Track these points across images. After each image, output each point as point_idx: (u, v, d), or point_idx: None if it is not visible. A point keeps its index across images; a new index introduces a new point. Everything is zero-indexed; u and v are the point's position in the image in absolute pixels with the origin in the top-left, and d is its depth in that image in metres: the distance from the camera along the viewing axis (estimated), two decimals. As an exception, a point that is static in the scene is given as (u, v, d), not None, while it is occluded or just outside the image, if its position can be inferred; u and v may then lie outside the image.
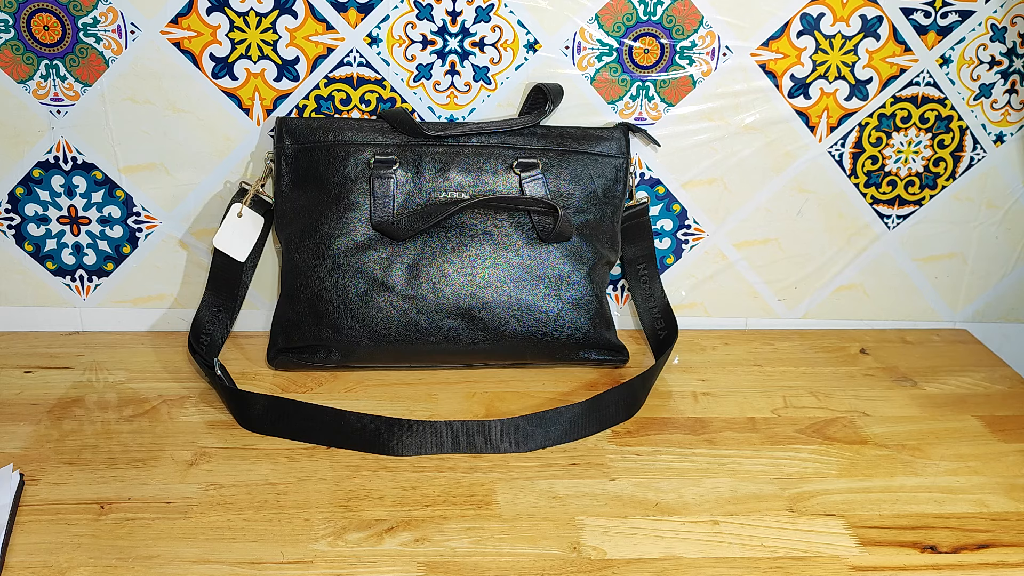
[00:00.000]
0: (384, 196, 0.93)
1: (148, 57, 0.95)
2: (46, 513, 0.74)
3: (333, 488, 0.78)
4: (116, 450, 0.82)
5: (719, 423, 0.90)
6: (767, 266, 1.09)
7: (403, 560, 0.70)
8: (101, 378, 0.95)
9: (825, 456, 0.85)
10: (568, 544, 0.73)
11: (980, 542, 0.75)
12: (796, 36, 0.99)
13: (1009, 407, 0.95)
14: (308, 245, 0.93)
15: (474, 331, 0.94)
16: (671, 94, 1.00)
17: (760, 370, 1.01)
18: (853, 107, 1.02)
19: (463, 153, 0.95)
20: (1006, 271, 1.12)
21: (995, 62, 1.02)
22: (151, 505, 0.75)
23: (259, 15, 0.95)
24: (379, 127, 0.95)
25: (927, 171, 1.06)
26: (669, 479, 0.81)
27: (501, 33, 0.97)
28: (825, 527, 0.76)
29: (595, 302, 0.96)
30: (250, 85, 0.97)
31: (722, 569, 0.71)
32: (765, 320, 1.12)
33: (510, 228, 0.94)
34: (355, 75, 0.98)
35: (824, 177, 1.05)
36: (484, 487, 0.79)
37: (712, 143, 1.03)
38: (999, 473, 0.84)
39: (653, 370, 0.95)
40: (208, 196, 1.01)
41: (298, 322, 0.94)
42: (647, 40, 0.98)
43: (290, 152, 0.94)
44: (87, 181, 1.00)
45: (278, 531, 0.73)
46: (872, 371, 1.02)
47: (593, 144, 0.97)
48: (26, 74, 0.96)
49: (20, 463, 0.79)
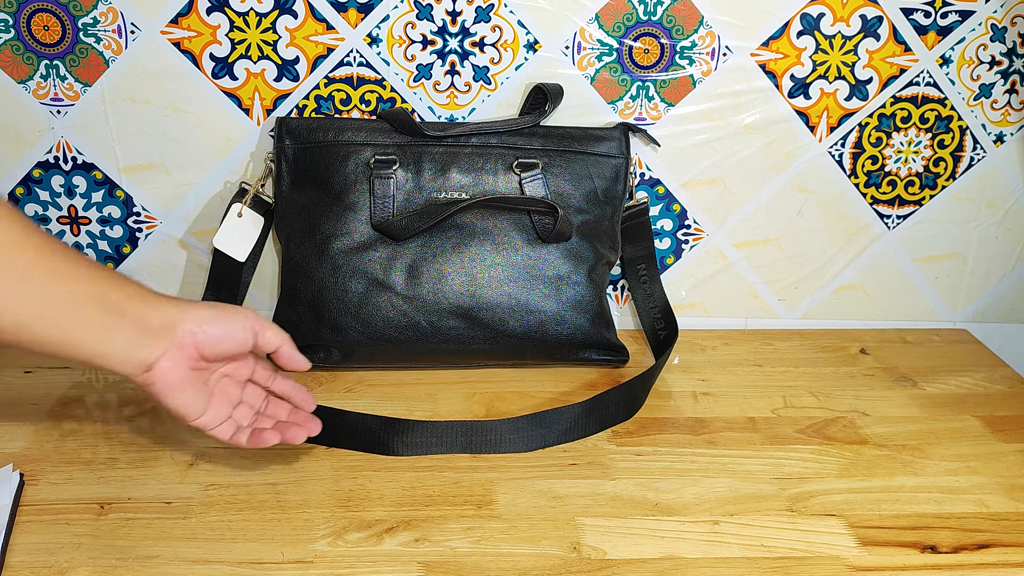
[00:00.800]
0: (384, 196, 0.93)
1: (148, 57, 0.95)
2: (46, 513, 0.74)
3: (333, 488, 0.78)
4: (116, 450, 0.82)
5: (719, 423, 0.90)
6: (767, 266, 1.09)
7: (403, 560, 0.70)
8: (101, 378, 0.95)
9: (825, 456, 0.85)
10: (568, 544, 0.73)
11: (980, 542, 0.75)
12: (796, 36, 0.99)
13: (1009, 407, 0.95)
14: (308, 245, 0.93)
15: (474, 331, 0.94)
16: (671, 94, 1.00)
17: (760, 370, 1.01)
18: (853, 107, 1.02)
19: (463, 153, 0.95)
20: (1006, 271, 1.12)
21: (995, 62, 1.02)
22: (151, 505, 0.75)
23: (259, 15, 0.95)
24: (379, 127, 0.95)
25: (927, 171, 1.06)
26: (669, 479, 0.81)
27: (501, 33, 0.97)
28: (825, 527, 0.76)
29: (595, 302, 0.96)
30: (250, 85, 0.97)
31: (722, 569, 0.70)
32: (765, 320, 1.12)
33: (510, 228, 0.94)
34: (355, 75, 0.98)
35: (824, 177, 1.05)
36: (484, 487, 0.79)
37: (712, 143, 1.03)
38: (999, 473, 0.84)
39: (653, 370, 0.95)
40: (208, 196, 1.01)
41: (298, 322, 0.94)
42: (647, 40, 0.98)
43: (290, 152, 0.94)
44: (87, 181, 1.00)
45: (278, 531, 0.73)
46: (872, 371, 1.02)
47: (593, 144, 0.97)
48: (26, 74, 0.96)
49: (20, 463, 0.79)
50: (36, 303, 0.60)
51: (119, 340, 0.64)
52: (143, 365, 0.66)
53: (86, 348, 0.63)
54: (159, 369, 0.66)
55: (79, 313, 0.62)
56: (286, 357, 0.74)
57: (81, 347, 0.63)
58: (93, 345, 0.63)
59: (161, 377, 0.66)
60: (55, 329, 0.62)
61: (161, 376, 0.66)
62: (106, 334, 0.64)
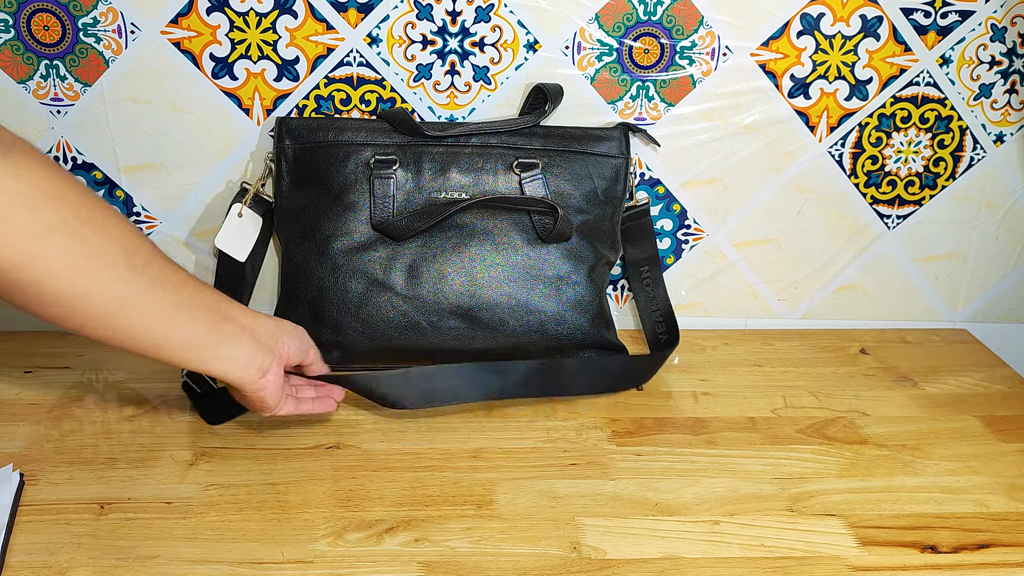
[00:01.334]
0: (384, 196, 0.93)
1: (148, 57, 0.95)
2: (46, 513, 0.74)
3: (333, 488, 0.78)
4: (116, 450, 0.82)
5: (719, 423, 0.90)
6: (767, 266, 1.09)
7: (403, 560, 0.70)
8: (101, 378, 0.95)
9: (825, 456, 0.85)
10: (568, 544, 0.73)
11: (980, 542, 0.75)
12: (796, 36, 0.99)
13: (1009, 407, 0.95)
14: (308, 245, 0.93)
15: (474, 331, 0.94)
16: (671, 94, 1.00)
17: (760, 370, 1.01)
18: (853, 107, 1.02)
19: (463, 153, 0.95)
20: (1006, 271, 1.12)
21: (995, 62, 1.02)
22: (151, 505, 0.75)
23: (259, 15, 0.95)
24: (379, 127, 0.95)
25: (927, 171, 1.06)
26: (669, 479, 0.81)
27: (501, 33, 0.97)
28: (825, 527, 0.76)
29: (595, 302, 0.96)
30: (250, 85, 0.97)
31: (722, 569, 0.71)
32: (765, 320, 1.12)
33: (510, 228, 0.94)
34: (355, 75, 0.98)
35: (824, 177, 1.05)
36: (484, 487, 0.79)
37: (712, 143, 1.03)
38: (999, 473, 0.84)
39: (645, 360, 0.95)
40: (208, 196, 1.01)
41: (298, 322, 0.93)
42: (647, 40, 0.98)
43: (290, 152, 0.94)
44: (87, 181, 1.00)
45: (278, 531, 0.73)
46: (872, 371, 1.02)
47: (593, 144, 0.97)
48: (26, 74, 0.96)
49: (20, 463, 0.79)
50: (175, 315, 0.67)
51: (243, 346, 0.72)
52: (260, 371, 0.73)
53: (217, 350, 0.70)
54: (270, 375, 0.74)
55: (211, 319, 0.69)
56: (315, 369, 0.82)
57: (211, 349, 0.70)
58: (224, 347, 0.70)
59: (270, 385, 0.74)
60: (193, 336, 0.68)
61: (270, 384, 0.74)
62: (233, 340, 0.71)
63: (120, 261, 0.62)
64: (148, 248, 0.65)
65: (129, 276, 0.62)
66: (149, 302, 0.64)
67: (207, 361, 0.70)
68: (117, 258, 0.62)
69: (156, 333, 0.66)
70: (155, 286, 0.64)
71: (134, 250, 0.63)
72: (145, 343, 0.66)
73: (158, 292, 0.65)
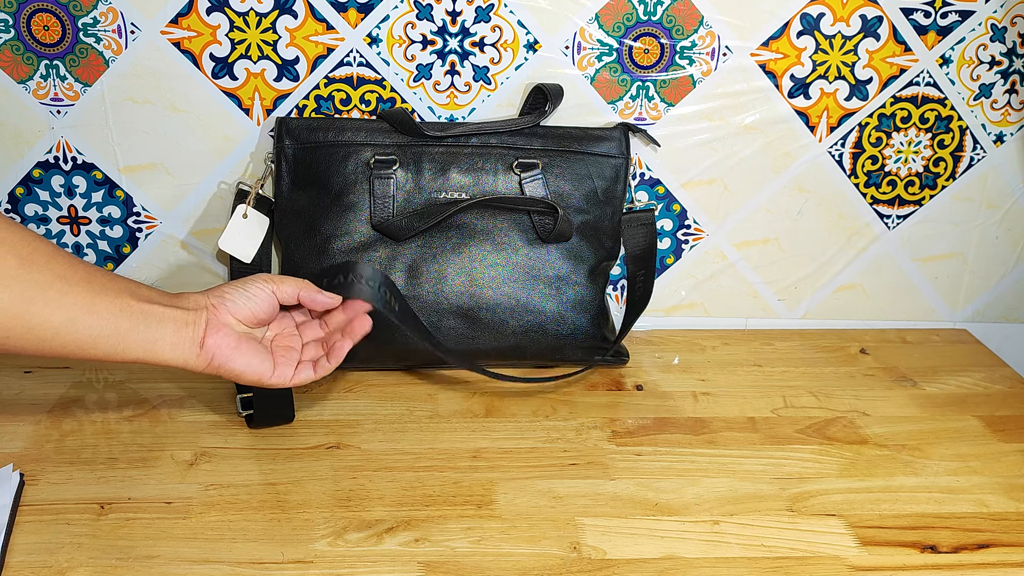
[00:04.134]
0: (384, 196, 0.93)
1: (148, 57, 0.95)
2: (46, 513, 0.74)
3: (333, 488, 0.78)
4: (116, 450, 0.82)
5: (719, 423, 0.90)
6: (767, 266, 1.09)
7: (403, 560, 0.70)
8: (101, 378, 0.95)
9: (825, 456, 0.85)
10: (568, 544, 0.73)
11: (980, 542, 0.75)
12: (796, 36, 0.99)
13: (1009, 407, 0.95)
14: (308, 245, 0.93)
15: (474, 331, 0.94)
16: (671, 94, 1.00)
17: (760, 370, 1.01)
18: (853, 107, 1.02)
19: (463, 153, 0.95)
20: (1006, 271, 1.12)
21: (995, 62, 1.02)
22: (151, 505, 0.75)
23: (259, 15, 0.95)
24: (379, 127, 0.95)
25: (927, 171, 1.06)
26: (669, 479, 0.81)
27: (501, 33, 0.97)
28: (825, 527, 0.76)
29: (595, 302, 0.96)
30: (250, 85, 0.97)
31: (722, 569, 0.71)
32: (765, 320, 1.12)
33: (510, 228, 0.94)
34: (355, 75, 0.98)
35: (824, 177, 1.05)
36: (484, 487, 0.79)
37: (712, 143, 1.03)
38: (999, 473, 0.84)
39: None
40: (208, 196, 1.01)
41: (298, 322, 0.94)
42: (647, 40, 0.98)
43: (290, 152, 0.94)
44: (87, 181, 1.00)
45: (278, 531, 0.73)
46: (872, 371, 1.02)
47: (593, 144, 0.97)
48: (26, 74, 0.96)
49: (20, 463, 0.79)
50: (85, 297, 0.66)
51: (166, 326, 0.69)
52: (195, 341, 0.70)
53: (138, 335, 0.68)
54: (210, 342, 0.71)
55: (125, 304, 0.68)
56: (308, 301, 0.76)
57: (132, 336, 0.68)
58: (145, 330, 0.68)
59: (215, 348, 0.71)
60: (104, 320, 0.67)
61: (214, 347, 0.71)
62: (155, 322, 0.69)
63: (10, 262, 0.62)
64: (48, 248, 0.65)
65: (23, 275, 0.63)
66: (55, 296, 0.64)
67: (129, 349, 0.68)
68: (5, 259, 0.62)
69: (66, 327, 0.65)
70: (59, 280, 0.64)
71: (28, 249, 0.64)
72: (53, 342, 0.65)
73: (63, 285, 0.65)
